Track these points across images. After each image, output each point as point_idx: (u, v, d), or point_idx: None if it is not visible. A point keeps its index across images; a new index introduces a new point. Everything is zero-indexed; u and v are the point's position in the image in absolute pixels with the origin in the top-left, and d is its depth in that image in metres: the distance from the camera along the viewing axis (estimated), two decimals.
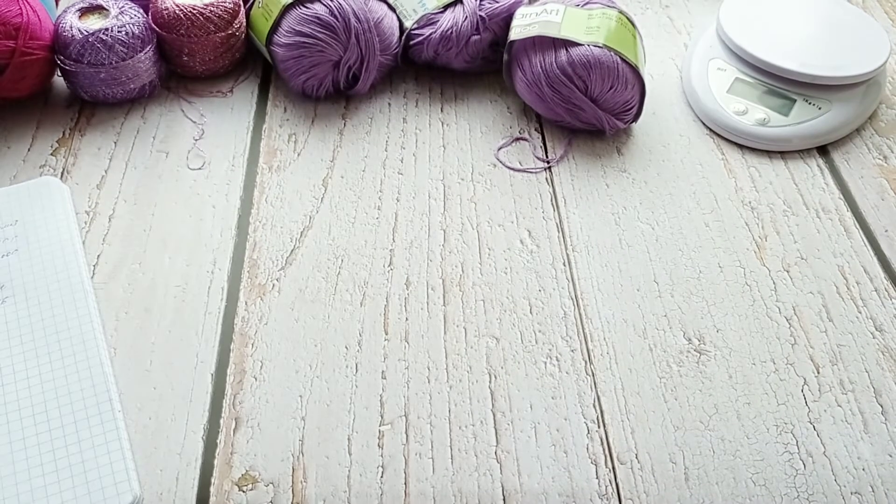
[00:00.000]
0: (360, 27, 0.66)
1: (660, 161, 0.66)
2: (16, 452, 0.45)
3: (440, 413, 0.49)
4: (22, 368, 0.48)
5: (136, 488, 0.44)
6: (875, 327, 0.55)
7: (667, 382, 0.51)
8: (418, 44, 0.69)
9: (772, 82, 0.68)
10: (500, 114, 0.70)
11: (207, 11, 0.66)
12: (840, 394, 0.51)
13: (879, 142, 0.69)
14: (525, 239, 0.59)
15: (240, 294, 0.55)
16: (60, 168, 0.63)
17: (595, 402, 0.50)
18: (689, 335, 0.54)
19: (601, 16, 0.65)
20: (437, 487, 0.46)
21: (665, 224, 0.61)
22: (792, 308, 0.56)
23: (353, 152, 0.66)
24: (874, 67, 0.68)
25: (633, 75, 0.64)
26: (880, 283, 0.58)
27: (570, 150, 0.67)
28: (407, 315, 0.54)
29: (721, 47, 0.72)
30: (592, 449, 0.48)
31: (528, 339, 0.53)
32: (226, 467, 0.46)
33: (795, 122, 0.67)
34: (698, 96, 0.70)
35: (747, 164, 0.66)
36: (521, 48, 0.66)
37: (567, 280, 0.57)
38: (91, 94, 0.66)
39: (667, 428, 0.49)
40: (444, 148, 0.66)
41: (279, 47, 0.66)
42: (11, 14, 0.62)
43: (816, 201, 0.63)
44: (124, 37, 0.64)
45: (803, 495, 0.46)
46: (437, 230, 0.60)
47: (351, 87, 0.69)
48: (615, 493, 0.46)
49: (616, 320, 0.55)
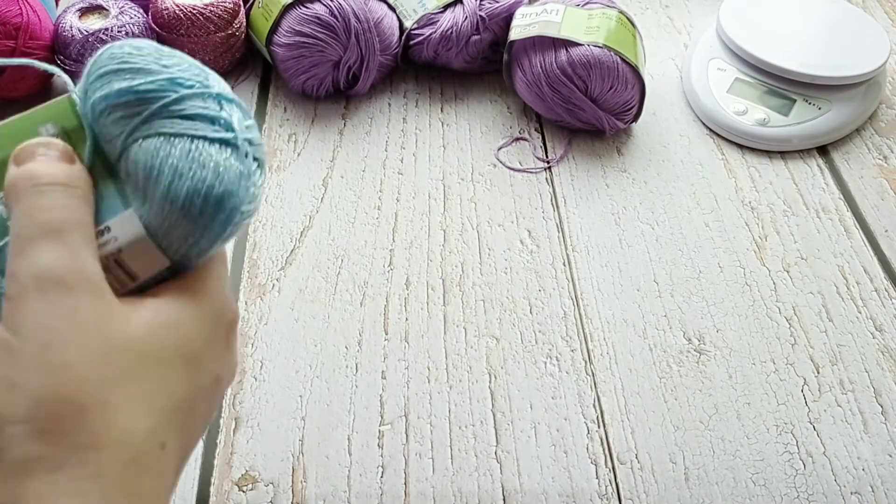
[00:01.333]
0: (360, 27, 0.66)
1: (660, 161, 0.66)
2: None
3: (440, 413, 0.49)
4: None
5: None
6: (875, 327, 0.55)
7: (667, 382, 0.51)
8: (418, 44, 0.69)
9: (772, 82, 0.68)
10: (500, 114, 0.70)
11: (207, 11, 0.66)
12: (840, 394, 0.51)
13: (879, 142, 0.69)
14: (525, 239, 0.59)
15: (240, 294, 0.55)
16: None
17: (595, 402, 0.50)
18: (689, 335, 0.54)
19: (601, 16, 0.65)
20: (437, 487, 0.46)
21: (665, 224, 0.61)
22: (792, 308, 0.56)
23: (353, 152, 0.66)
24: (874, 67, 0.68)
25: (633, 75, 0.64)
26: (880, 283, 0.58)
27: (570, 150, 0.67)
28: (407, 315, 0.54)
29: (721, 47, 0.72)
30: (592, 449, 0.48)
31: (528, 339, 0.53)
32: (226, 467, 0.46)
33: (795, 122, 0.67)
34: (698, 96, 0.70)
35: (747, 164, 0.66)
36: (521, 48, 0.66)
37: (567, 280, 0.57)
38: None
39: (667, 428, 0.49)
40: (444, 148, 0.66)
41: (279, 47, 0.66)
42: (11, 14, 0.62)
43: (816, 201, 0.63)
44: (124, 37, 0.64)
45: (803, 495, 0.46)
46: (437, 230, 0.60)
47: (351, 87, 0.69)
48: (615, 493, 0.46)
49: (616, 320, 0.55)
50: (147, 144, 0.27)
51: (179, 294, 0.28)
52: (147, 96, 0.27)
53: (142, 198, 0.27)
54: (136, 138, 0.27)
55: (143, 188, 0.27)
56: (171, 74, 0.28)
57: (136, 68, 0.28)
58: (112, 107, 0.27)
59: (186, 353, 0.27)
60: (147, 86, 0.27)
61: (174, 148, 0.27)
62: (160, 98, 0.27)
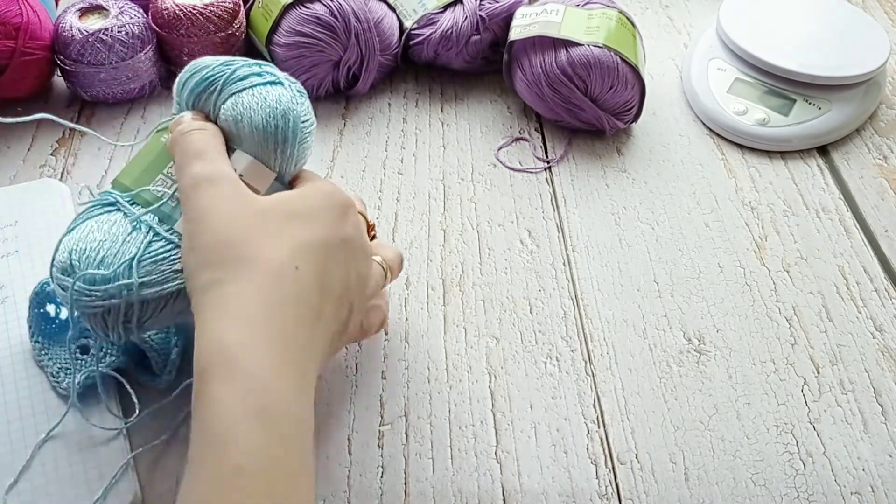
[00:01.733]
0: (360, 27, 0.66)
1: (660, 161, 0.66)
2: (16, 452, 0.45)
3: (440, 413, 0.49)
4: (22, 368, 0.48)
5: (136, 488, 0.44)
6: (875, 327, 0.55)
7: (667, 382, 0.51)
8: (418, 44, 0.69)
9: (772, 82, 0.68)
10: (500, 114, 0.70)
11: (207, 11, 0.66)
12: (840, 394, 0.51)
13: (879, 142, 0.69)
14: (525, 239, 0.59)
15: None
16: (60, 168, 0.63)
17: (595, 402, 0.50)
18: (689, 335, 0.54)
19: (601, 16, 0.65)
20: (437, 487, 0.46)
21: (665, 224, 0.61)
22: (792, 308, 0.56)
23: (353, 152, 0.66)
24: (874, 67, 0.68)
25: (633, 75, 0.64)
26: (880, 283, 0.58)
27: (570, 150, 0.67)
28: (407, 315, 0.54)
29: (721, 47, 0.72)
30: (592, 449, 0.48)
31: (528, 339, 0.53)
32: None
33: (795, 122, 0.67)
34: (698, 96, 0.70)
35: (747, 164, 0.66)
36: (521, 48, 0.66)
37: (567, 280, 0.57)
38: (91, 93, 0.66)
39: (667, 428, 0.49)
40: (444, 148, 0.66)
41: (279, 47, 0.66)
42: (11, 14, 0.62)
43: (816, 201, 0.63)
44: (124, 37, 0.64)
45: (803, 495, 0.46)
46: (437, 230, 0.60)
47: (351, 87, 0.69)
48: (615, 493, 0.46)
49: (616, 320, 0.55)
50: (227, 106, 0.42)
51: (294, 190, 0.42)
52: (213, 77, 0.43)
53: (239, 139, 0.42)
54: (218, 106, 0.42)
55: (238, 132, 0.42)
56: (222, 61, 0.43)
57: (200, 67, 0.43)
58: (197, 95, 0.43)
59: (303, 214, 0.39)
60: (209, 72, 0.43)
61: (243, 98, 0.42)
62: (221, 75, 0.43)
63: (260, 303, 0.35)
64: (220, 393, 0.33)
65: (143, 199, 0.43)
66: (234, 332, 0.34)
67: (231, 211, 0.38)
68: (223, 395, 0.33)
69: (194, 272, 0.37)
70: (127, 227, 0.41)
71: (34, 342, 0.49)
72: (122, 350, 0.48)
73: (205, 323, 0.35)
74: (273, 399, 0.33)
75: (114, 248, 0.40)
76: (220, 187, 0.38)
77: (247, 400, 0.33)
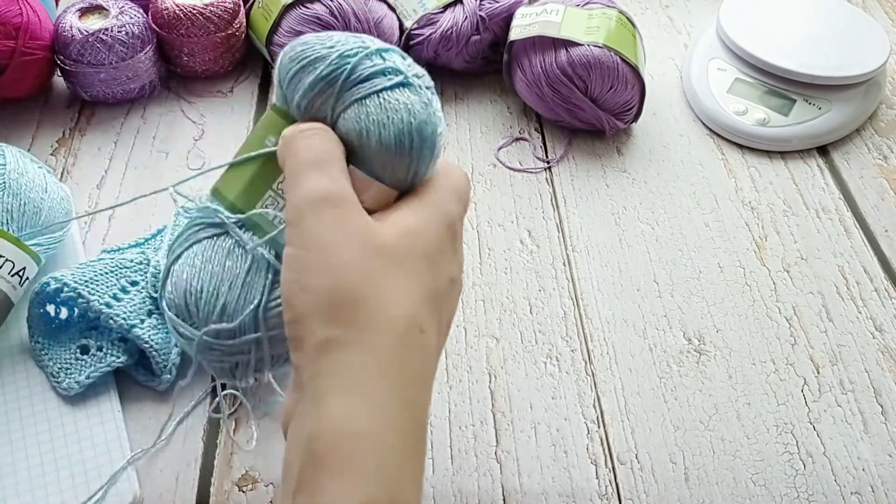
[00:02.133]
0: (360, 27, 0.66)
1: (660, 161, 0.66)
2: (16, 452, 0.45)
3: (440, 413, 0.49)
4: (22, 369, 0.48)
5: (136, 488, 0.44)
6: (875, 327, 0.55)
7: (667, 382, 0.51)
8: (418, 44, 0.69)
9: (772, 82, 0.68)
10: (500, 114, 0.70)
11: (207, 11, 0.66)
12: (840, 394, 0.51)
13: (879, 142, 0.69)
14: (525, 239, 0.59)
15: None
16: (60, 168, 0.63)
17: (595, 402, 0.50)
18: (689, 335, 0.54)
19: (601, 16, 0.65)
20: (437, 487, 0.46)
21: (665, 224, 0.61)
22: (792, 308, 0.56)
23: None
24: (874, 67, 0.68)
25: (633, 75, 0.64)
26: (880, 283, 0.58)
27: (570, 150, 0.67)
28: None
29: (721, 47, 0.72)
30: (592, 449, 0.48)
31: (528, 339, 0.53)
32: (226, 467, 0.46)
33: (795, 122, 0.67)
34: (698, 96, 0.70)
35: (747, 164, 0.66)
36: (521, 48, 0.66)
37: (567, 280, 0.57)
38: (91, 94, 0.66)
39: (667, 428, 0.49)
40: (444, 148, 0.66)
41: (279, 47, 0.66)
42: (11, 14, 0.62)
43: (816, 201, 0.63)
44: (124, 37, 0.64)
45: (803, 495, 0.46)
46: None
47: None
48: (615, 493, 0.46)
49: (616, 320, 0.55)
50: (349, 114, 0.34)
51: (414, 206, 0.34)
52: (330, 77, 0.34)
53: (361, 155, 0.34)
54: (339, 113, 0.35)
55: (360, 148, 0.34)
56: (338, 52, 0.35)
57: (313, 58, 0.35)
58: (311, 98, 0.35)
59: (427, 255, 0.33)
60: (326, 70, 0.34)
61: (368, 108, 0.34)
62: (340, 74, 0.34)
63: (387, 379, 0.30)
64: (337, 490, 0.29)
65: (256, 226, 0.36)
66: (362, 417, 0.30)
67: (353, 249, 0.31)
68: (339, 492, 0.29)
69: (306, 320, 0.31)
70: (243, 263, 0.36)
71: (34, 342, 0.49)
72: (123, 350, 0.48)
73: (324, 396, 0.30)
74: (392, 494, 0.30)
75: (234, 291, 0.35)
76: (341, 213, 0.32)
77: (364, 498, 0.29)
